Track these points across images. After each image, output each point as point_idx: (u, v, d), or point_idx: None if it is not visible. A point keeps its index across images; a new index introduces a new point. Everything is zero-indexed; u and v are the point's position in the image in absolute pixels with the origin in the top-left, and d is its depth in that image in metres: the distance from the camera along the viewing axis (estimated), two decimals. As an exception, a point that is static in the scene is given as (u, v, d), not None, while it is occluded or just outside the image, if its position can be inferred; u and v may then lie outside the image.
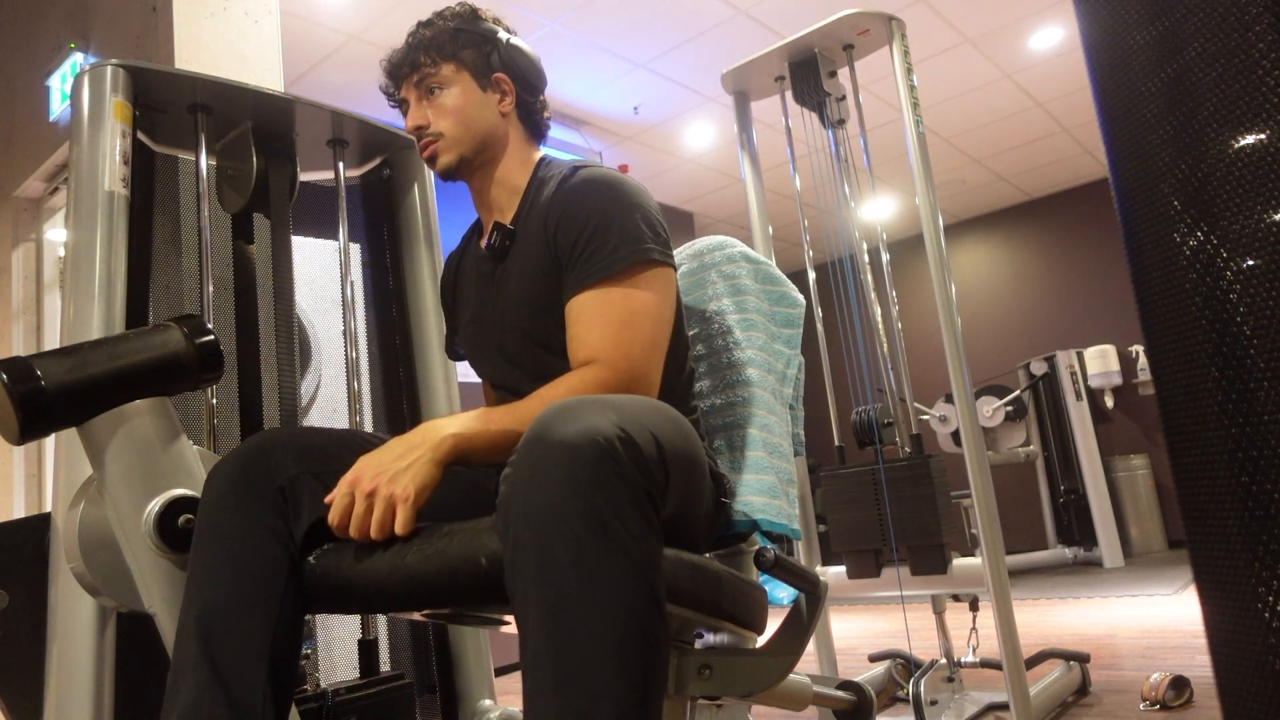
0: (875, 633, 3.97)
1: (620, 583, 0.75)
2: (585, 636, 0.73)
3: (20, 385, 1.00)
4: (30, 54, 3.33)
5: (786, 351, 1.39)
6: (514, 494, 0.78)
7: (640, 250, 1.11)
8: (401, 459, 0.97)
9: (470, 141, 1.25)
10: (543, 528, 0.76)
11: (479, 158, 1.27)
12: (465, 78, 1.26)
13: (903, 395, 2.35)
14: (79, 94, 1.54)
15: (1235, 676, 0.92)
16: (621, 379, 1.06)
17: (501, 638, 2.76)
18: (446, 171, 1.26)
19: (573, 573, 0.74)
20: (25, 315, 3.34)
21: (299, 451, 1.04)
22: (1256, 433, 0.88)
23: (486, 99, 1.27)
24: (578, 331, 1.11)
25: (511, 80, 1.29)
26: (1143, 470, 5.80)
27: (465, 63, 1.26)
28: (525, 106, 1.31)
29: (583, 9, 3.68)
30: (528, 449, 0.80)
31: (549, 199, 1.19)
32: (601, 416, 0.80)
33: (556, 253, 1.16)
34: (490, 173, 1.28)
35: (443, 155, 1.25)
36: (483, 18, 1.31)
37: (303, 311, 2.54)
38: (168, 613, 1.09)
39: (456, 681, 1.81)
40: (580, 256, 1.12)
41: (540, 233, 1.18)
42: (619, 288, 1.10)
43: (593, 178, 1.16)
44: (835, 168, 2.42)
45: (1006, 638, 1.98)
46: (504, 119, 1.29)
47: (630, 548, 0.76)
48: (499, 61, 1.28)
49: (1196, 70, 0.94)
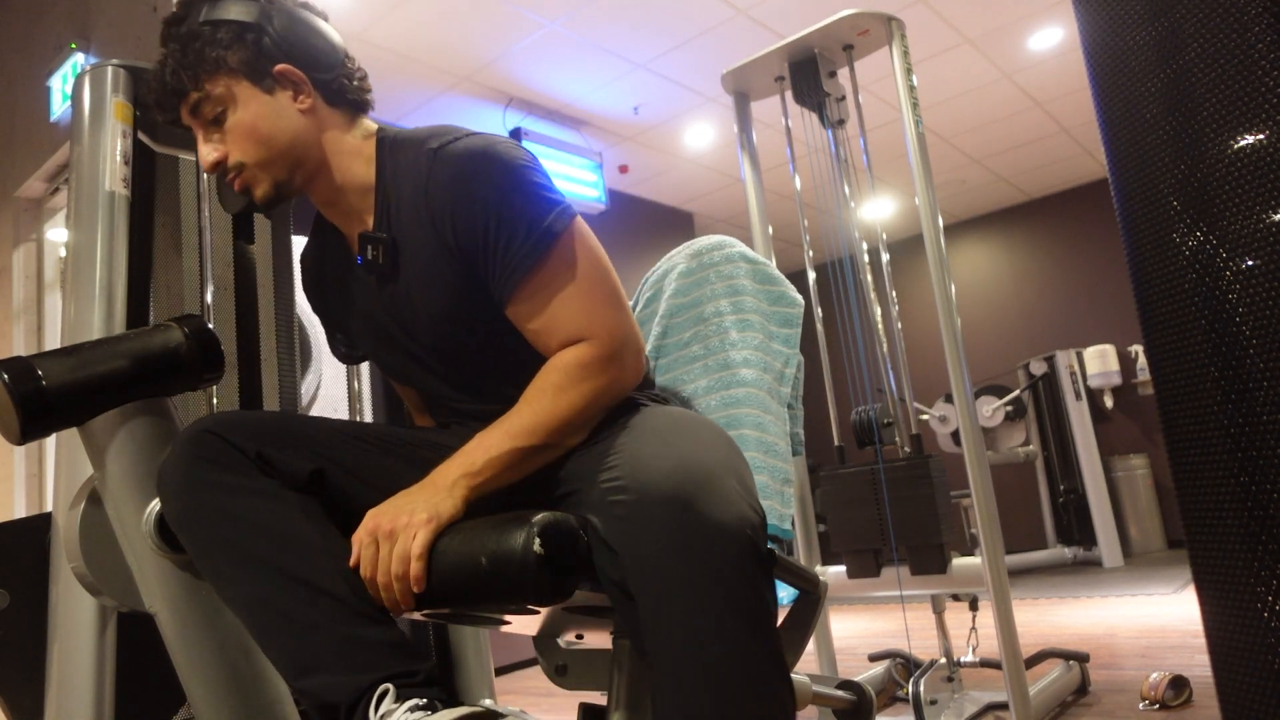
0: (875, 632, 3.97)
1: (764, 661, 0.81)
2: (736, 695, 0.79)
3: (21, 385, 1.00)
4: (31, 54, 3.33)
5: (785, 351, 1.39)
6: (657, 562, 0.80)
7: (548, 230, 1.00)
8: (415, 513, 0.92)
9: (281, 162, 1.07)
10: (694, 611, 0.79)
11: (299, 174, 1.08)
12: (244, 87, 1.05)
13: (903, 395, 2.36)
14: (80, 94, 1.54)
15: (1234, 676, 0.92)
16: (610, 347, 1.01)
17: (501, 638, 2.76)
18: (268, 203, 1.09)
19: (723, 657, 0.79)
20: (26, 315, 3.34)
21: (253, 430, 1.00)
22: (1256, 433, 0.88)
23: (278, 102, 1.06)
24: (538, 327, 1.03)
25: (299, 66, 1.06)
26: (1142, 470, 5.80)
27: (235, 69, 1.04)
28: (327, 87, 1.09)
29: (583, 9, 3.68)
30: (672, 520, 0.81)
31: (423, 193, 1.04)
32: (739, 497, 0.84)
33: (462, 249, 1.03)
34: (325, 181, 1.10)
35: (257, 188, 1.08)
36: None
37: (303, 311, 2.55)
38: (168, 612, 1.09)
39: (456, 681, 1.81)
40: (497, 253, 1.01)
41: (432, 237, 1.04)
42: (551, 272, 1.01)
43: (462, 159, 1.01)
44: (835, 168, 2.42)
45: (1006, 637, 1.98)
46: (309, 115, 1.08)
47: (765, 622, 0.82)
48: (274, 48, 1.05)
49: (1196, 70, 0.94)
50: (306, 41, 1.07)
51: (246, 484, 0.95)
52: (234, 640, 1.11)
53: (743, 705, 0.79)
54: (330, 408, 2.73)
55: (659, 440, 0.91)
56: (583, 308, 1.02)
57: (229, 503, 0.94)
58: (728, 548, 0.80)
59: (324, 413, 2.71)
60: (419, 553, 0.90)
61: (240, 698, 1.10)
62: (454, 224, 1.02)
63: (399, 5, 3.53)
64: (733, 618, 0.79)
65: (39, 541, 1.38)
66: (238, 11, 1.04)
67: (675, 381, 1.37)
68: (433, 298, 1.07)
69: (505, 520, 0.89)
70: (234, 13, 1.04)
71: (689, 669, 0.79)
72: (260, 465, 0.96)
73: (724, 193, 5.85)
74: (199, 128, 1.08)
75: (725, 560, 0.80)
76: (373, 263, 1.08)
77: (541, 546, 0.85)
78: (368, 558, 0.92)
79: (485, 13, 3.63)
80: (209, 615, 1.10)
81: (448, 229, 1.03)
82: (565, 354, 1.01)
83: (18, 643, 1.35)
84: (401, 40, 3.78)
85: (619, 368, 1.02)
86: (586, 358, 1.00)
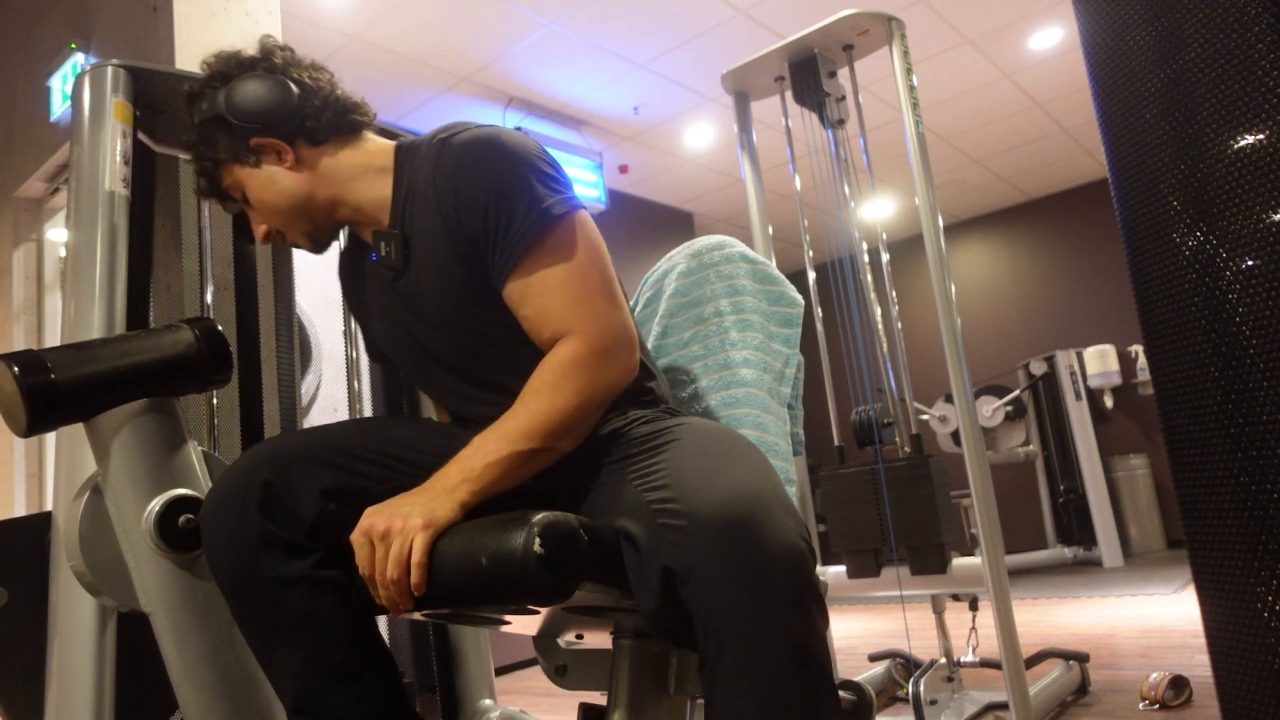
0: (875, 632, 3.97)
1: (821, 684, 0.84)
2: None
3: (30, 377, 1.00)
4: (31, 54, 3.33)
5: (785, 351, 1.39)
6: (715, 586, 0.82)
7: (546, 211, 1.01)
8: (410, 517, 0.93)
9: (295, 218, 1.14)
10: (749, 639, 0.81)
11: (318, 218, 1.15)
12: (239, 170, 1.13)
13: (903, 395, 2.36)
14: (80, 94, 1.54)
15: (1234, 676, 0.92)
16: (600, 343, 1.01)
17: (501, 638, 2.76)
18: (321, 249, 1.19)
19: (776, 683, 0.81)
20: (26, 315, 3.34)
21: (306, 462, 1.01)
22: (1256, 433, 0.88)
23: (267, 173, 1.12)
24: (530, 313, 1.04)
25: (266, 132, 1.10)
26: (1142, 470, 5.80)
27: (225, 159, 1.12)
28: (303, 134, 1.12)
29: (583, 9, 3.68)
30: (722, 545, 0.82)
31: (431, 182, 1.07)
32: (791, 529, 0.85)
33: (467, 236, 1.05)
34: (343, 210, 1.15)
35: (301, 244, 1.17)
36: (193, 90, 1.13)
37: (303, 311, 2.55)
38: (164, 612, 1.09)
39: (456, 681, 1.81)
40: (495, 237, 1.02)
41: (439, 225, 1.06)
42: (547, 254, 1.02)
43: (468, 145, 1.04)
44: (835, 168, 2.42)
45: (1006, 637, 1.98)
46: (299, 169, 1.12)
47: (818, 652, 0.84)
48: (241, 128, 1.09)
49: (1196, 70, 0.94)
50: (260, 107, 1.09)
51: (298, 565, 0.96)
52: (227, 644, 1.11)
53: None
54: (330, 408, 2.73)
55: (706, 461, 0.92)
56: (575, 297, 1.02)
57: (279, 591, 0.96)
58: (782, 579, 0.82)
59: (324, 413, 2.71)
60: (419, 560, 0.90)
61: (230, 703, 1.10)
62: (457, 208, 1.04)
63: (399, 5, 3.53)
64: (786, 647, 0.81)
65: (39, 540, 1.38)
66: (207, 108, 1.11)
67: (675, 382, 1.37)
68: (443, 287, 1.09)
69: (505, 520, 0.89)
70: (204, 111, 1.11)
71: (743, 691, 0.81)
72: (313, 535, 0.98)
73: (724, 193, 5.85)
74: (245, 210, 1.18)
75: (780, 591, 0.82)
76: (386, 258, 1.11)
77: (541, 546, 0.85)
78: (364, 557, 0.93)
79: (485, 13, 3.63)
80: (204, 617, 1.10)
81: (452, 214, 1.04)
82: (557, 351, 1.01)
83: (16, 641, 1.35)
84: (401, 40, 3.78)
85: (611, 363, 1.01)
86: (578, 352, 1.00)
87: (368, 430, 1.12)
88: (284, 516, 0.97)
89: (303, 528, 0.97)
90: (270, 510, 0.96)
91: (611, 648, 1.10)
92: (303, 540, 0.97)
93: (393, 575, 0.90)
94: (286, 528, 0.96)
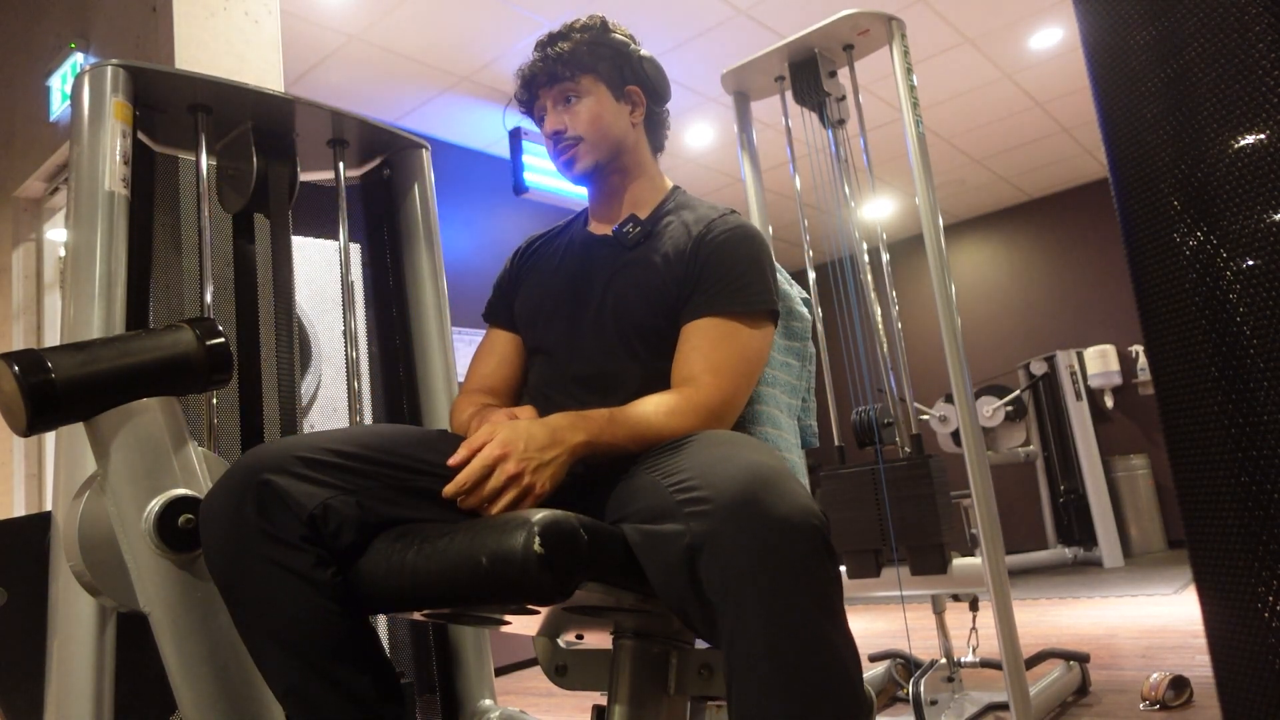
0: (875, 633, 3.97)
1: (841, 648, 0.87)
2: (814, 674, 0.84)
3: (31, 376, 1.00)
4: (30, 54, 3.33)
5: (795, 364, 1.41)
6: (736, 556, 0.84)
7: (770, 302, 1.25)
8: (545, 451, 1.02)
9: (606, 148, 1.35)
10: (771, 597, 0.83)
11: (612, 164, 1.36)
12: (601, 89, 1.35)
13: (903, 395, 2.35)
14: (79, 94, 1.54)
15: (1235, 676, 0.92)
16: (715, 408, 1.16)
17: (501, 638, 2.76)
18: (584, 174, 1.36)
19: (801, 647, 0.84)
20: (25, 315, 3.34)
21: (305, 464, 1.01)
22: (1256, 432, 0.88)
23: (620, 109, 1.36)
24: (691, 350, 1.21)
25: (643, 92, 1.38)
26: (1143, 470, 5.80)
27: (602, 75, 1.35)
28: (653, 118, 1.42)
29: (583, 9, 3.68)
30: (740, 517, 0.85)
31: (701, 231, 1.28)
32: (803, 494, 0.90)
33: (694, 275, 1.24)
34: (622, 180, 1.38)
35: (581, 159, 1.34)
36: (613, 30, 1.40)
37: (303, 311, 2.54)
38: (163, 612, 1.09)
39: (456, 681, 1.81)
40: (722, 287, 1.22)
41: (685, 249, 1.27)
42: (744, 326, 1.21)
43: (749, 231, 1.29)
44: (835, 168, 2.42)
45: (1006, 638, 1.98)
46: (634, 129, 1.38)
47: (837, 609, 0.87)
48: (632, 74, 1.37)
49: (1196, 70, 0.94)
50: (655, 83, 1.40)
51: (293, 564, 0.97)
52: (226, 644, 1.10)
53: (820, 688, 0.83)
54: (330, 408, 2.73)
55: (721, 451, 0.98)
56: (729, 369, 1.19)
57: (272, 588, 0.97)
58: (799, 539, 0.85)
59: (324, 413, 2.71)
60: (539, 492, 1.00)
61: (229, 703, 1.09)
62: (715, 253, 1.25)
63: (399, 5, 3.53)
64: (808, 605, 0.84)
65: (38, 540, 1.38)
66: (617, 44, 1.38)
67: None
68: (650, 276, 1.27)
69: (505, 520, 0.89)
70: (614, 43, 1.38)
71: (765, 651, 0.82)
72: (309, 534, 0.98)
73: (724, 192, 5.85)
74: (552, 104, 1.36)
75: (798, 551, 0.85)
76: (625, 234, 1.34)
77: (541, 546, 0.85)
78: (475, 477, 0.99)
79: (485, 13, 3.63)
80: (202, 618, 1.10)
81: (706, 252, 1.25)
82: (688, 389, 1.17)
83: (16, 641, 1.36)
84: (401, 40, 3.78)
85: (713, 422, 1.15)
86: (701, 400, 1.15)
87: (366, 434, 1.12)
88: (281, 517, 0.97)
89: (300, 528, 0.97)
90: (268, 510, 0.97)
91: (611, 648, 1.10)
92: (299, 541, 0.97)
93: (506, 500, 0.99)
94: (284, 528, 0.97)
